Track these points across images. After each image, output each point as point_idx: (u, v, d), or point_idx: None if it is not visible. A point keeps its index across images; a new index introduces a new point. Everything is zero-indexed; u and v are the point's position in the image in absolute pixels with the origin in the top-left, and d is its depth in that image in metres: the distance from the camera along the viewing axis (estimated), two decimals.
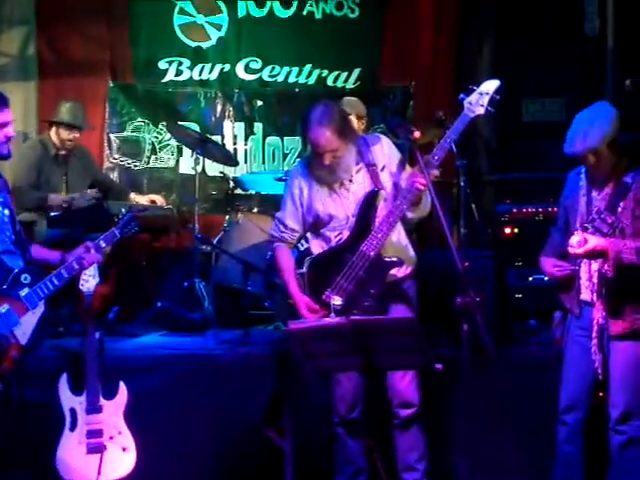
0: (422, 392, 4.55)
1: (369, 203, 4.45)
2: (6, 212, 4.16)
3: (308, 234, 4.70)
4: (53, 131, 6.25)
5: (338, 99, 5.89)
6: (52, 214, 5.90)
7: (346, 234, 4.47)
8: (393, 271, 4.44)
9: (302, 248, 5.18)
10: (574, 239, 3.93)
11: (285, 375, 4.97)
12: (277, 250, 4.64)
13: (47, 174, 6.19)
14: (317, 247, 4.60)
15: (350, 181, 4.50)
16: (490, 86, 4.31)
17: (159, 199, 6.40)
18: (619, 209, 4.01)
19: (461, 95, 4.33)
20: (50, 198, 5.98)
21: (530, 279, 5.95)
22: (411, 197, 4.31)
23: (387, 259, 4.40)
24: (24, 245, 4.23)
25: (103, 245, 4.37)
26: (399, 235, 4.54)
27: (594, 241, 3.91)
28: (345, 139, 4.41)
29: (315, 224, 4.57)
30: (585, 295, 4.17)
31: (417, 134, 4.34)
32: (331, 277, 4.38)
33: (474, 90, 4.30)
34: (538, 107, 7.49)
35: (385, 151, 4.55)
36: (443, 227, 4.01)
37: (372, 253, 4.35)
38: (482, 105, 4.29)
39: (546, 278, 5.75)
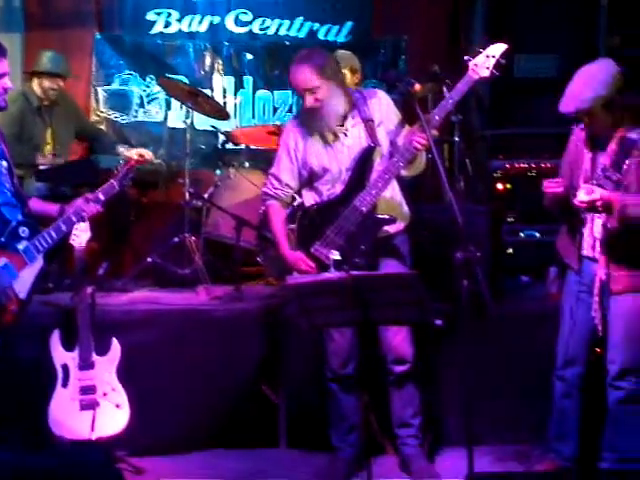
0: (416, 348, 4.53)
1: (365, 158, 4.39)
2: (4, 164, 4.10)
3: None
4: (35, 82, 6.12)
5: (330, 53, 5.80)
6: (41, 168, 5.82)
7: (339, 188, 4.41)
8: (385, 227, 4.40)
9: (295, 203, 5.11)
10: (580, 192, 3.89)
11: (279, 330, 4.94)
12: (270, 207, 4.58)
13: (30, 127, 6.08)
14: (309, 200, 4.54)
15: (345, 135, 4.43)
16: (497, 49, 4.23)
17: (147, 153, 6.29)
18: (624, 166, 3.96)
19: (466, 57, 4.25)
20: (37, 158, 5.90)
21: (522, 235, 5.93)
22: (409, 155, 4.26)
23: (379, 216, 4.36)
24: (22, 198, 4.17)
25: (102, 197, 4.31)
26: (393, 191, 4.48)
27: (599, 192, 3.87)
28: (327, 80, 4.32)
29: (309, 178, 4.51)
30: (587, 251, 4.13)
31: (417, 87, 4.27)
32: (321, 230, 4.35)
33: (480, 52, 4.23)
34: (531, 63, 7.40)
35: (383, 106, 4.48)
36: (443, 183, 3.98)
37: (364, 209, 4.31)
38: (487, 68, 4.22)
39: (537, 234, 5.81)
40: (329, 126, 4.40)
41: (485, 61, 4.22)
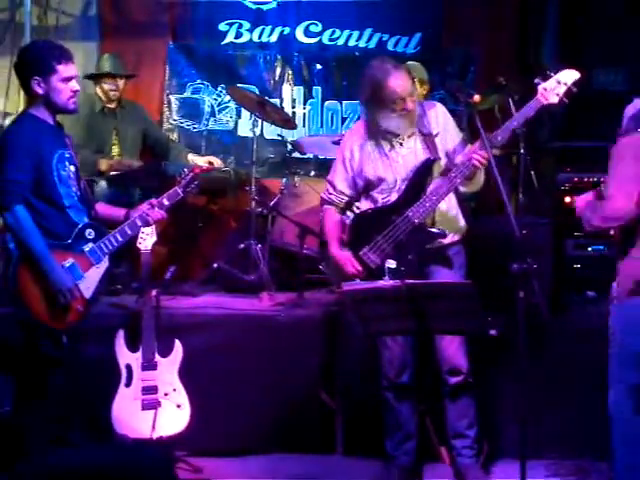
0: (472, 359, 4.53)
1: (424, 170, 4.44)
2: (72, 168, 4.24)
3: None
4: (97, 86, 6.31)
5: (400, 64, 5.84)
6: (112, 173, 5.97)
7: (394, 197, 4.47)
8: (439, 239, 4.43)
9: (357, 211, 5.16)
10: None
11: (338, 338, 4.98)
12: (325, 211, 4.68)
13: (96, 130, 6.26)
14: (365, 207, 4.61)
15: (401, 144, 4.49)
16: (570, 76, 4.19)
17: (217, 161, 6.42)
18: None
19: (536, 79, 4.22)
20: (99, 162, 6.05)
21: (589, 250, 5.86)
22: (467, 172, 4.29)
23: (430, 229, 4.40)
24: (89, 201, 4.31)
25: (166, 203, 4.42)
26: (449, 204, 4.52)
27: None
28: (415, 89, 4.44)
29: (365, 187, 4.57)
30: None
31: (477, 98, 4.31)
32: (372, 235, 4.42)
33: (551, 76, 4.19)
34: (602, 76, 7.33)
35: (440, 118, 4.52)
36: (502, 195, 3.98)
37: (417, 220, 4.36)
38: (557, 94, 4.19)
39: (605, 249, 5.74)
40: (408, 132, 4.45)
41: (556, 87, 4.19)
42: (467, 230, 4.61)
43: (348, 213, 4.73)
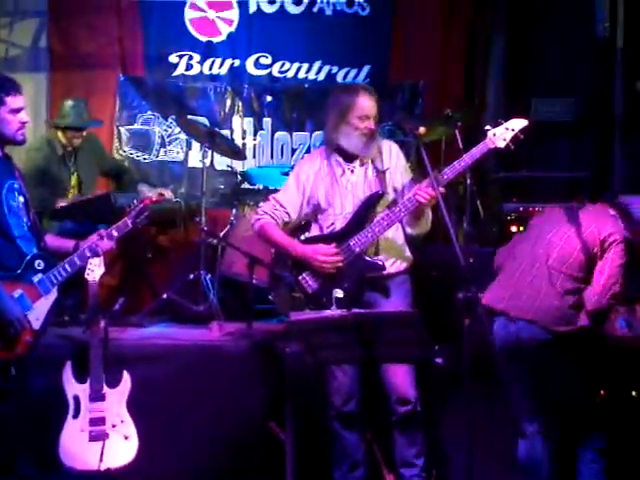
0: (420, 388, 4.56)
1: (371, 203, 4.54)
2: (21, 199, 4.23)
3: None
4: (59, 132, 6.22)
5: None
6: (61, 205, 5.94)
7: (339, 225, 4.55)
8: (387, 266, 4.50)
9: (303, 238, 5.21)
10: None
11: (284, 367, 4.99)
12: (265, 222, 4.66)
13: (55, 174, 6.18)
14: (313, 232, 4.70)
15: (352, 172, 4.57)
16: (518, 124, 4.37)
17: (168, 193, 6.42)
18: None
19: (487, 126, 4.39)
20: (57, 202, 5.99)
21: None
22: (411, 207, 4.39)
23: (368, 259, 4.48)
24: (39, 232, 4.30)
25: (115, 234, 4.42)
26: (396, 233, 4.61)
27: None
28: (377, 114, 4.56)
29: (313, 213, 4.66)
30: None
31: (422, 130, 4.39)
32: None
33: (501, 123, 4.36)
34: (547, 107, 7.48)
35: (393, 156, 4.63)
36: (447, 224, 4.06)
37: (357, 249, 4.46)
38: (504, 140, 4.35)
39: None
40: (368, 155, 4.56)
41: (504, 133, 4.34)
42: (413, 260, 4.67)
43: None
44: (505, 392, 4.42)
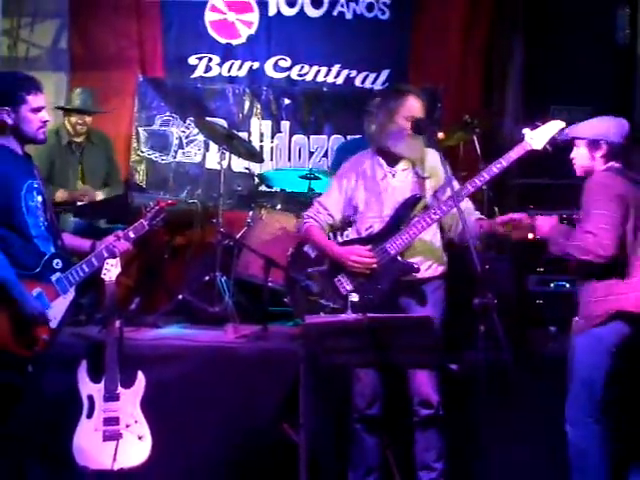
0: (442, 392, 4.55)
1: (408, 206, 4.57)
2: (39, 198, 4.24)
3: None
4: (66, 119, 6.32)
5: (366, 100, 5.90)
6: (79, 204, 5.97)
7: (377, 227, 4.58)
8: (423, 270, 4.52)
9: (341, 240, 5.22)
10: None
11: (301, 371, 4.99)
12: (311, 226, 4.72)
13: (61, 164, 6.26)
14: (352, 235, 4.75)
15: (393, 176, 4.62)
16: (555, 127, 4.40)
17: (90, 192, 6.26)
18: None
19: (524, 129, 4.42)
20: (56, 195, 6.03)
21: (551, 285, 5.93)
22: (447, 209, 4.42)
23: (403, 261, 4.49)
24: (56, 231, 4.31)
25: (132, 235, 4.44)
26: (434, 236, 4.63)
27: None
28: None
29: (353, 215, 4.70)
30: None
31: (441, 135, 4.41)
32: None
33: (538, 126, 4.39)
34: (566, 115, 7.45)
35: (436, 163, 4.63)
36: (466, 232, 4.09)
37: (393, 251, 4.48)
38: (542, 142, 4.40)
39: (567, 285, 5.81)
40: (415, 156, 4.60)
41: (541, 135, 4.39)
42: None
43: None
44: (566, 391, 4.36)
